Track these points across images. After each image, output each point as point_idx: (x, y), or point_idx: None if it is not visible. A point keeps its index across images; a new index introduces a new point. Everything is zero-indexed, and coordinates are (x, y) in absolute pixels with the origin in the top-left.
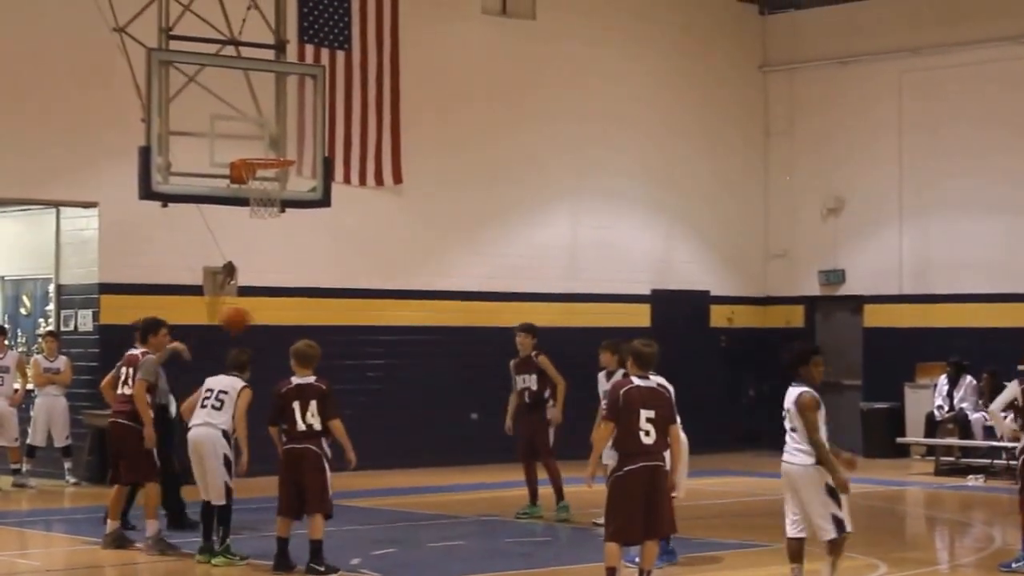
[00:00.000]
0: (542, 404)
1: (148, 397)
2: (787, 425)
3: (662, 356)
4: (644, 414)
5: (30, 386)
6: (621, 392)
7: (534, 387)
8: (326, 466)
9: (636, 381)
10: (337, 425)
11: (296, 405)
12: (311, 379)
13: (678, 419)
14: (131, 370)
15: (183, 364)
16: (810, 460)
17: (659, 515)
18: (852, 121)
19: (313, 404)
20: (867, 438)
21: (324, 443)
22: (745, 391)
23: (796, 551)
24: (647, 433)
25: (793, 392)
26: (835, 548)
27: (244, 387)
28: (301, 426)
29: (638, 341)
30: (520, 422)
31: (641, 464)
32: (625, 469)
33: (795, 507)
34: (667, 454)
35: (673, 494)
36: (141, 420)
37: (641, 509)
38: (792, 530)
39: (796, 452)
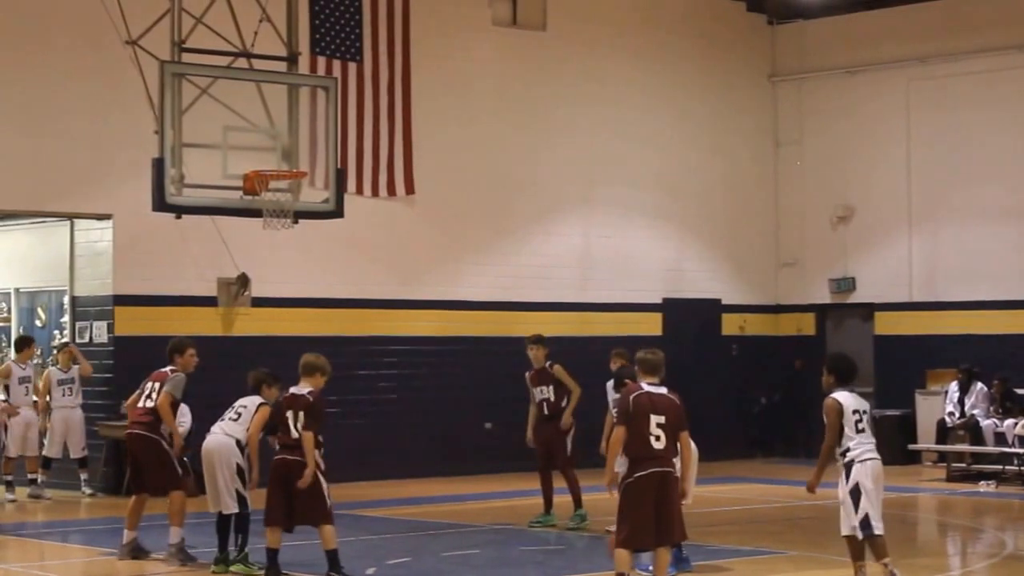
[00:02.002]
0: (560, 414)
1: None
2: (862, 425)
3: (674, 365)
4: (654, 419)
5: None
6: (631, 398)
7: (552, 398)
8: (320, 477)
9: (646, 387)
10: (308, 437)
11: (290, 415)
12: (305, 390)
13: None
14: (157, 385)
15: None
16: None
17: (670, 521)
18: (861, 129)
19: (302, 415)
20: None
21: (317, 454)
22: (757, 399)
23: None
24: (657, 438)
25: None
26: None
27: (262, 404)
28: (294, 434)
29: (643, 350)
30: (538, 432)
31: (651, 470)
32: (636, 475)
33: (875, 504)
34: (678, 461)
35: (684, 500)
36: (159, 432)
37: (652, 515)
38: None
39: (876, 449)
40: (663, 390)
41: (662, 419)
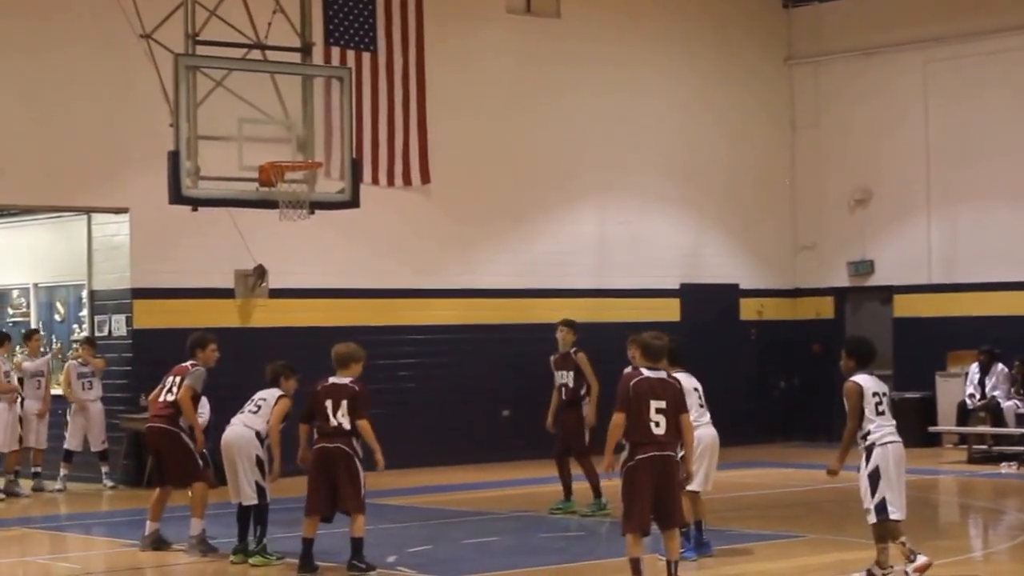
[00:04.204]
0: (578, 401)
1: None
2: (882, 408)
3: (692, 350)
4: (654, 404)
5: (59, 391)
6: (631, 384)
7: (571, 384)
8: (358, 465)
9: (645, 372)
10: (365, 426)
11: (328, 403)
12: (346, 380)
13: (707, 411)
14: (178, 379)
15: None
16: None
17: (672, 505)
18: (878, 112)
19: (344, 404)
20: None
21: (355, 443)
22: (776, 383)
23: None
24: (657, 424)
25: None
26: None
27: (281, 396)
28: (333, 422)
29: (648, 334)
30: (557, 418)
31: (652, 454)
32: (636, 458)
33: (897, 488)
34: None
35: (691, 484)
36: (179, 424)
37: (651, 498)
38: (901, 512)
39: (896, 432)
40: (663, 374)
41: (662, 404)
